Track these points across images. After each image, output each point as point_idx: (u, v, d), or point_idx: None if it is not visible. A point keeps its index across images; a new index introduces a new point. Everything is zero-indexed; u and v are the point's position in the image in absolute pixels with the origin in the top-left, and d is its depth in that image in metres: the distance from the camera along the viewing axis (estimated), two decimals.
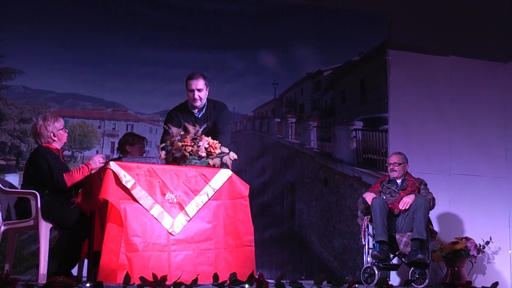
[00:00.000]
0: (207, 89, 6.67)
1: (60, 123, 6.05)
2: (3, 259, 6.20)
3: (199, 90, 6.56)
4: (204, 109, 6.72)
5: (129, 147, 6.92)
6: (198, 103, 6.62)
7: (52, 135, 5.97)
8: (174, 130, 5.98)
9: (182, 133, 5.94)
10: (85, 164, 6.03)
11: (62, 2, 8.18)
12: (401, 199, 6.88)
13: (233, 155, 6.06)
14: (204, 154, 5.91)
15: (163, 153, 5.96)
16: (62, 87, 8.15)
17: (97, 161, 6.07)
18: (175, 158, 5.91)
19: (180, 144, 5.87)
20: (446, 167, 8.85)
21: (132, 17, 8.42)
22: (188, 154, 5.87)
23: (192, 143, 5.87)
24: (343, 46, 9.10)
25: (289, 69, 8.95)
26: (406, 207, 6.79)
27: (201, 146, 5.86)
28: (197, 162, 5.92)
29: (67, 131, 6.14)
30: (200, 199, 5.88)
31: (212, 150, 5.95)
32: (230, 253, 5.92)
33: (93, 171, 5.96)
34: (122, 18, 8.38)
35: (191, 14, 8.65)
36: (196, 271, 5.53)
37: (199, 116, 6.68)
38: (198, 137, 5.90)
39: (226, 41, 8.75)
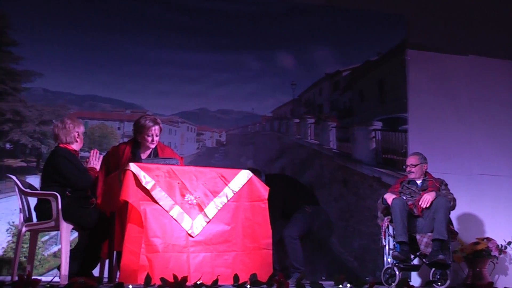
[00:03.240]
0: None
1: (83, 128, 6.18)
2: (25, 260, 6.23)
3: None
4: None
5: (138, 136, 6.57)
6: None
7: (76, 135, 6.05)
8: None
9: None
10: (91, 169, 6.07)
11: (80, 5, 8.21)
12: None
13: None
14: None
15: None
16: (81, 89, 8.17)
17: (95, 162, 6.14)
18: None
19: None
20: (466, 167, 8.79)
21: (150, 19, 8.43)
22: None
23: None
24: (362, 46, 9.06)
25: (307, 70, 8.92)
26: (427, 205, 6.74)
27: None
28: None
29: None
30: (219, 201, 5.89)
31: None
32: (247, 256, 5.92)
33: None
34: (140, 21, 8.39)
35: (209, 15, 8.65)
36: (214, 273, 5.56)
37: None
38: None
39: (244, 42, 8.75)
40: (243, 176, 6.07)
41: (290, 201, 7.69)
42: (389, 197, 6.95)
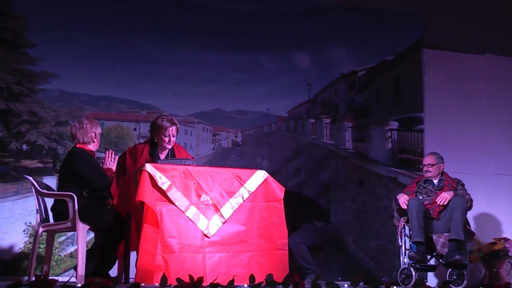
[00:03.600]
0: None
1: (100, 129, 6.22)
2: (42, 261, 6.26)
3: None
4: None
5: (155, 137, 6.59)
6: None
7: (93, 135, 6.08)
8: None
9: None
10: (108, 170, 6.10)
11: (96, 6, 8.24)
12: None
13: None
14: None
15: None
16: (97, 90, 8.20)
17: (111, 163, 6.16)
18: None
19: None
20: (483, 167, 8.75)
21: (166, 20, 8.45)
22: None
23: None
24: (377, 46, 9.03)
25: (323, 70, 8.91)
26: (445, 203, 6.70)
27: None
28: None
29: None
30: (235, 201, 5.90)
31: None
32: (263, 256, 5.93)
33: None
34: (156, 21, 8.41)
35: (224, 15, 8.65)
36: (229, 273, 5.56)
37: None
38: None
39: (259, 42, 8.74)
40: (259, 176, 6.07)
41: (301, 215, 7.66)
42: (401, 198, 6.92)
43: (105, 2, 8.31)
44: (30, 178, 6.06)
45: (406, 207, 6.82)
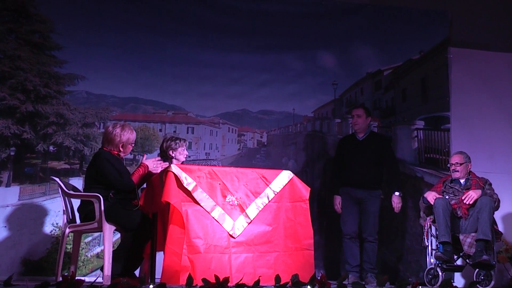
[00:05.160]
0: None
1: (133, 137, 6.18)
2: (69, 261, 6.31)
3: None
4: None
5: (173, 152, 6.86)
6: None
7: (121, 146, 6.07)
8: None
9: None
10: (142, 165, 6.10)
11: (122, 8, 8.28)
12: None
13: None
14: None
15: None
16: (124, 92, 8.25)
17: (151, 164, 6.16)
18: None
19: None
20: (510, 166, 8.66)
21: (191, 20, 8.47)
22: None
23: None
24: (403, 45, 8.98)
25: (349, 69, 8.87)
26: (471, 202, 6.65)
27: None
28: None
29: (133, 145, 6.26)
30: (260, 201, 5.91)
31: None
32: (289, 256, 5.94)
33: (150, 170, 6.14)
34: (181, 22, 8.43)
35: (250, 16, 8.66)
36: (255, 274, 5.58)
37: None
38: None
39: (285, 42, 8.73)
40: (284, 176, 6.07)
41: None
42: (429, 195, 6.88)
43: (131, 3, 8.35)
44: (57, 179, 6.10)
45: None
